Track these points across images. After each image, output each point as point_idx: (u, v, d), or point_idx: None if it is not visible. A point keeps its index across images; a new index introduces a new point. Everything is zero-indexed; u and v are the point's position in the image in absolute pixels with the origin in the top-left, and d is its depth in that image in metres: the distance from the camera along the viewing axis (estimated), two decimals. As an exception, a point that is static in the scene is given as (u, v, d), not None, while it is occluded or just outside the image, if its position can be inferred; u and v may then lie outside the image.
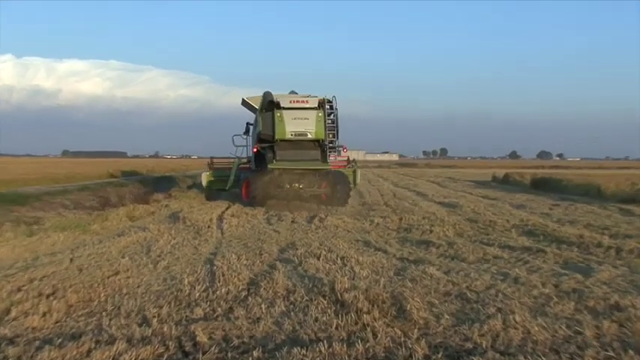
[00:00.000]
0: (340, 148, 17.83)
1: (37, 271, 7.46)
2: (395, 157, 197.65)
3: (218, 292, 6.35)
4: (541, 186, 25.65)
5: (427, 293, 6.28)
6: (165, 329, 5.11)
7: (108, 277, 7.08)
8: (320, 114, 16.58)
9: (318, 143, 16.85)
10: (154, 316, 5.49)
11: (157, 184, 26.95)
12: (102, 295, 6.30)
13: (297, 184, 16.73)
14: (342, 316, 5.43)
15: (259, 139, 17.19)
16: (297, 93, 17.83)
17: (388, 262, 8.14)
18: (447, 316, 5.46)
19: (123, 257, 8.46)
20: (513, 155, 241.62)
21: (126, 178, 33.12)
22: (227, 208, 16.04)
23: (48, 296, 6.22)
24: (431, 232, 11.19)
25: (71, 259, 8.39)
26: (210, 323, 5.33)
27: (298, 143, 16.78)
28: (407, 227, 11.93)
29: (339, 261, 8.16)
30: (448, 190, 24.91)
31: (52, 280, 6.93)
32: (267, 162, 16.73)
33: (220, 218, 13.55)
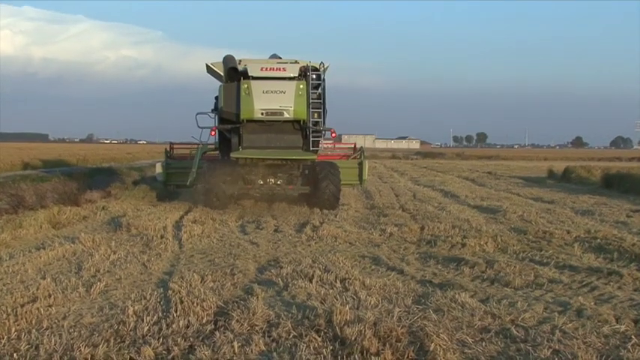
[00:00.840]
0: (328, 132, 17.67)
1: None
2: (415, 145, 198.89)
3: (174, 326, 6.35)
4: (615, 184, 25.71)
5: (457, 329, 6.31)
6: (101, 375, 5.11)
7: (22, 306, 7.05)
8: (302, 86, 16.51)
9: (298, 125, 16.85)
10: (86, 359, 5.49)
11: (91, 178, 26.87)
12: (13, 330, 6.28)
13: (272, 180, 16.73)
14: (342, 358, 5.45)
15: (221, 119, 17.18)
16: (281, 58, 17.78)
17: (405, 287, 8.17)
18: (484, 360, 5.49)
19: (43, 278, 8.44)
20: (578, 143, 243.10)
21: (47, 171, 33.03)
22: (187, 212, 16.04)
23: (-61, 331, 6.20)
24: (463, 245, 11.24)
25: (-28, 280, 8.36)
26: (163, 368, 5.33)
27: (272, 125, 16.76)
28: (431, 239, 11.98)
29: (338, 284, 8.19)
30: (487, 190, 25.00)
31: (-56, 309, 6.91)
32: (232, 149, 16.80)
33: (178, 225, 13.56)
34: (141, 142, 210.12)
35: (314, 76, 16.77)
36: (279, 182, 16.75)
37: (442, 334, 5.94)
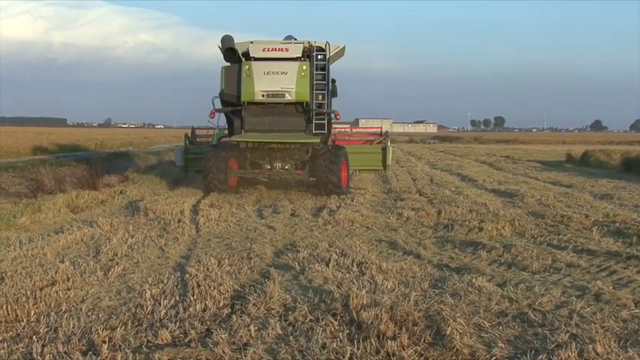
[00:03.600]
0: (332, 114, 17.31)
1: (-54, 280, 7.53)
2: (432, 129, 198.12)
3: (191, 309, 6.40)
4: (635, 168, 25.48)
5: (474, 313, 6.30)
6: (119, 359, 5.16)
7: (41, 289, 7.13)
8: (305, 67, 16.08)
9: (301, 107, 16.43)
10: (104, 342, 5.53)
11: (109, 162, 27.04)
12: (32, 312, 6.35)
13: (279, 165, 16.55)
14: (358, 342, 5.45)
15: (223, 102, 16.89)
16: (296, 39, 17.65)
17: (422, 271, 8.16)
18: (501, 345, 5.47)
19: (62, 262, 8.52)
20: (597, 126, 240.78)
21: (66, 155, 33.28)
22: (204, 196, 16.09)
23: (-41, 314, 6.28)
24: (480, 230, 11.20)
25: (-8, 264, 8.44)
26: (181, 350, 5.38)
27: (274, 107, 16.40)
28: (448, 223, 11.94)
29: (355, 268, 8.20)
30: (505, 174, 24.86)
31: (-35, 292, 6.99)
32: (235, 133, 16.63)
33: (195, 209, 13.61)
34: (158, 126, 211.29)
35: (319, 57, 16.24)
36: (286, 167, 16.54)
37: (459, 318, 5.93)
